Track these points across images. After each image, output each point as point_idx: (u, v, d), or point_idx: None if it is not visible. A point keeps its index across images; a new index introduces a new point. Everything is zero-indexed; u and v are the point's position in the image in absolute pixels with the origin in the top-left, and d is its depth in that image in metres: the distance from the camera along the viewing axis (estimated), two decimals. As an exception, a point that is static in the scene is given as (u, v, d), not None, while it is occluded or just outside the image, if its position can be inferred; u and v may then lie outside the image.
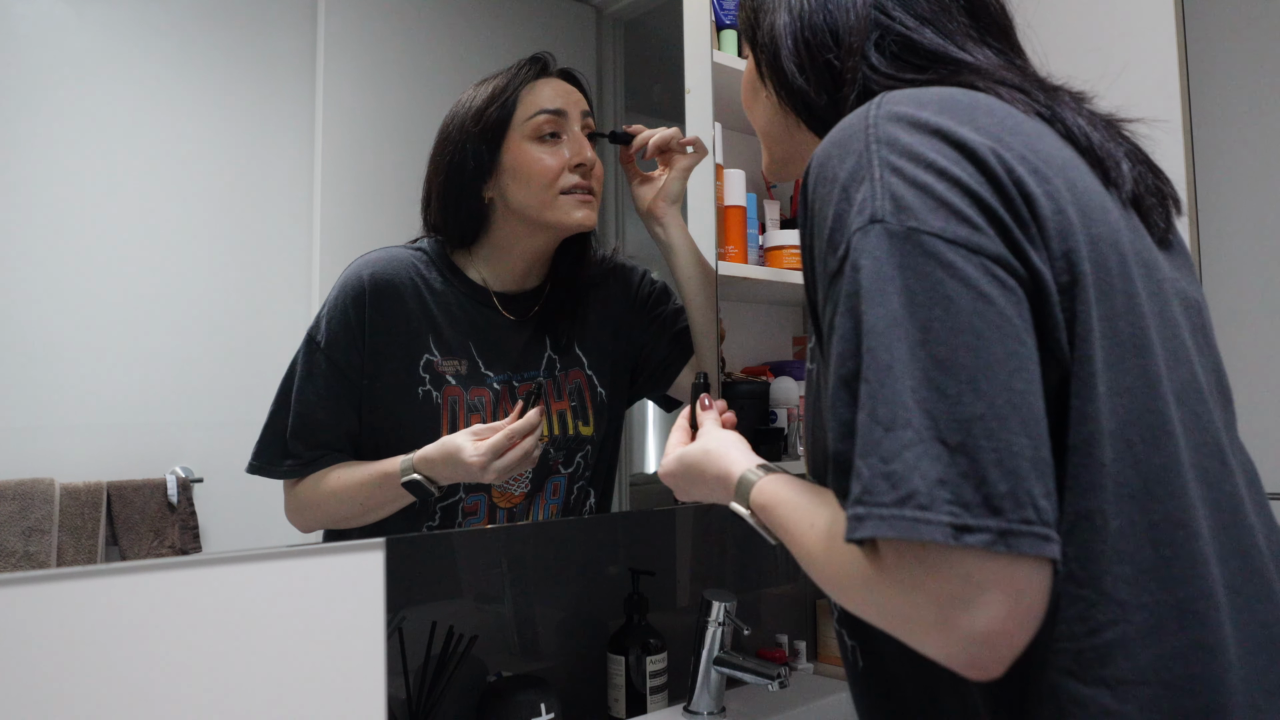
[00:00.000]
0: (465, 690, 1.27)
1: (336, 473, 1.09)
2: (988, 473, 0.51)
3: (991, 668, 0.53)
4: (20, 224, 0.94)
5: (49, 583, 0.88)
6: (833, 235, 0.60)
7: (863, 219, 0.58)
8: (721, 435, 0.89)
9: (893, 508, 0.52)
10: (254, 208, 1.10)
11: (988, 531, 0.50)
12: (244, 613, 0.97)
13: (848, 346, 0.57)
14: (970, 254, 0.56)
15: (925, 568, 0.51)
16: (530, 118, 1.16)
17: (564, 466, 1.25)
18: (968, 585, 0.50)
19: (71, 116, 0.97)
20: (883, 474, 0.52)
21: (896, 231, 0.57)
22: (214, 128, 1.06)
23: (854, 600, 0.59)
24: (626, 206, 1.46)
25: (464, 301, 1.18)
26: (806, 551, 0.65)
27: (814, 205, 0.64)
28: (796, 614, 1.81)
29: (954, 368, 0.53)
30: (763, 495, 0.75)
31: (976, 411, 0.52)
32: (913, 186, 0.58)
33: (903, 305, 0.55)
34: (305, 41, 1.14)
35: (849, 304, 0.57)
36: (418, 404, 1.12)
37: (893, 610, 0.55)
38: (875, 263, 0.57)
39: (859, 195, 0.59)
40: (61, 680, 0.87)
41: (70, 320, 0.96)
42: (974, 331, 0.54)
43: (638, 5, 1.49)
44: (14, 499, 0.91)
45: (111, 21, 1.00)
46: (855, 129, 0.63)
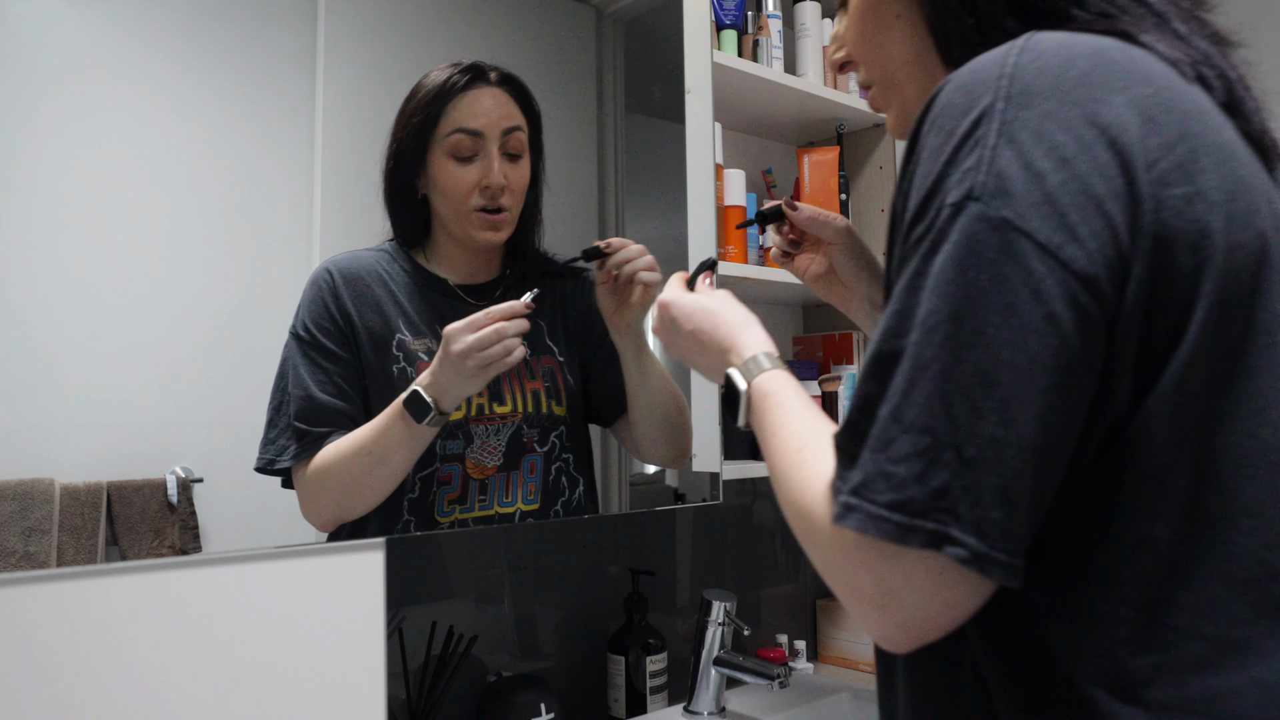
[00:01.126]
0: (465, 690, 1.27)
1: (344, 437, 1.11)
2: (985, 496, 0.50)
3: (901, 649, 0.55)
4: (20, 224, 0.94)
5: (49, 583, 0.88)
6: (929, 197, 0.56)
7: (960, 192, 0.53)
8: (743, 307, 0.83)
9: (883, 509, 0.51)
10: (254, 208, 1.10)
11: (966, 548, 0.50)
12: (244, 613, 0.97)
13: (898, 325, 0.54)
14: (1058, 266, 0.51)
15: (882, 556, 0.52)
16: (448, 135, 1.18)
17: (539, 445, 1.27)
18: (910, 583, 0.52)
19: (71, 116, 0.97)
20: (884, 474, 0.52)
21: (990, 217, 0.52)
22: (214, 127, 1.06)
23: (803, 537, 0.60)
24: (627, 206, 1.46)
25: (427, 290, 1.21)
26: (781, 470, 0.64)
27: (921, 153, 0.58)
28: (796, 614, 1.81)
29: (992, 384, 0.50)
30: (769, 384, 0.72)
31: (997, 435, 0.50)
32: (1025, 170, 0.53)
33: (963, 301, 0.52)
34: (305, 41, 1.14)
35: (915, 282, 0.54)
36: (393, 381, 1.15)
37: (834, 569, 0.57)
38: (953, 248, 0.53)
39: (967, 161, 0.54)
40: (61, 680, 0.87)
41: (70, 320, 0.96)
42: (1027, 352, 0.51)
43: (638, 5, 1.49)
44: (14, 499, 0.91)
45: (112, 21, 1.00)
46: (987, 75, 0.56)
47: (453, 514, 1.20)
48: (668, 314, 0.88)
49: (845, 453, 0.56)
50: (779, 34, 1.68)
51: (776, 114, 1.79)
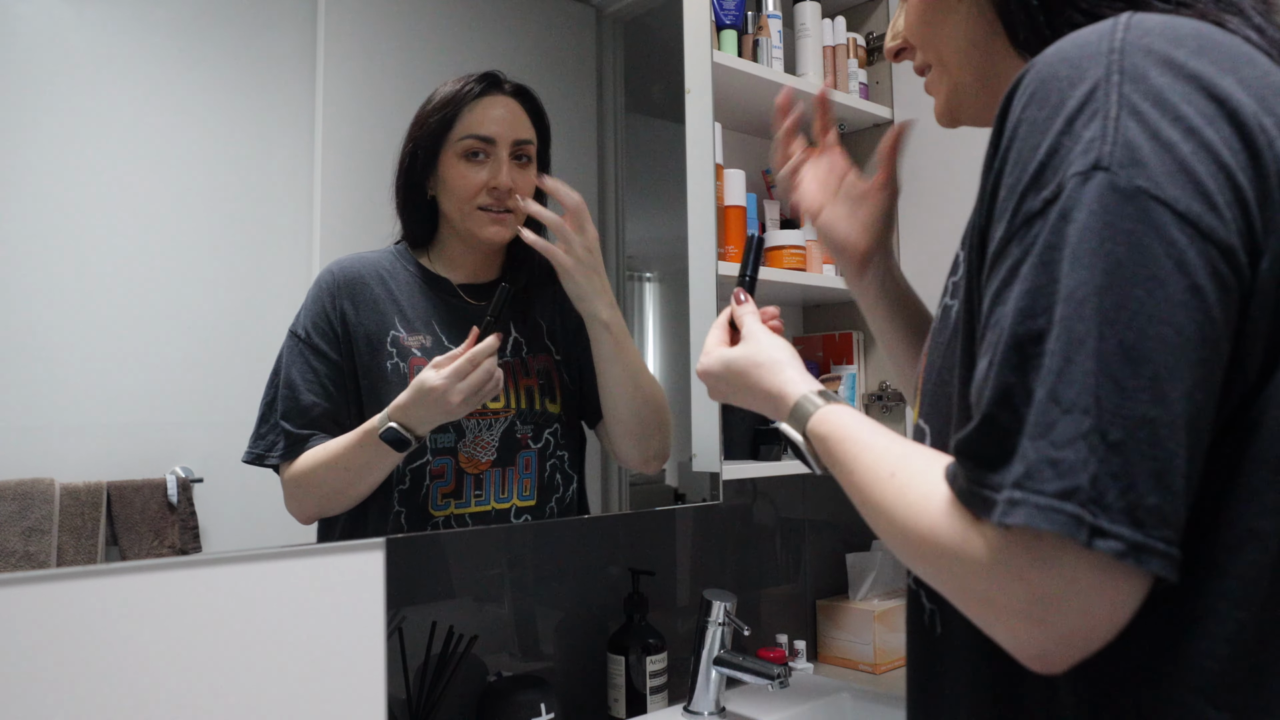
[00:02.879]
0: (465, 690, 1.27)
1: (321, 447, 1.13)
2: (1138, 480, 0.47)
3: (1059, 666, 0.50)
4: (20, 224, 0.94)
5: (49, 583, 0.88)
6: (1042, 170, 0.52)
7: (1086, 161, 0.50)
8: (772, 345, 0.82)
9: (1054, 499, 0.47)
10: (254, 208, 1.10)
11: (1121, 540, 0.46)
12: (244, 613, 0.97)
13: (1034, 304, 0.51)
14: (1198, 236, 0.49)
15: (1034, 560, 0.48)
16: (461, 139, 1.22)
17: (533, 442, 1.28)
18: (1072, 587, 0.48)
19: (71, 116, 0.97)
20: (1050, 460, 0.48)
21: (1122, 187, 0.49)
22: (214, 128, 1.06)
23: (929, 567, 0.55)
24: (627, 206, 1.46)
25: (426, 289, 1.24)
26: (879, 501, 0.60)
27: (1019, 128, 0.55)
28: (796, 614, 1.81)
29: (1140, 359, 0.47)
30: (824, 425, 0.69)
31: (1149, 414, 0.47)
32: (1154, 140, 0.50)
33: (1105, 273, 0.49)
34: (305, 41, 1.14)
35: (1047, 256, 0.51)
36: (387, 376, 1.17)
37: (977, 590, 0.52)
38: (1089, 217, 0.49)
39: (1087, 132, 0.51)
40: (61, 680, 0.87)
41: (70, 320, 0.96)
42: (1174, 325, 0.48)
43: (638, 5, 1.49)
44: (14, 499, 0.91)
45: (111, 21, 1.00)
46: (1095, 49, 0.54)
47: (448, 508, 1.21)
48: (709, 381, 0.88)
49: (980, 456, 0.52)
50: (779, 34, 1.69)
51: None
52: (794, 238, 1.67)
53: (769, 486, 1.78)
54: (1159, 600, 0.51)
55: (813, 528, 1.86)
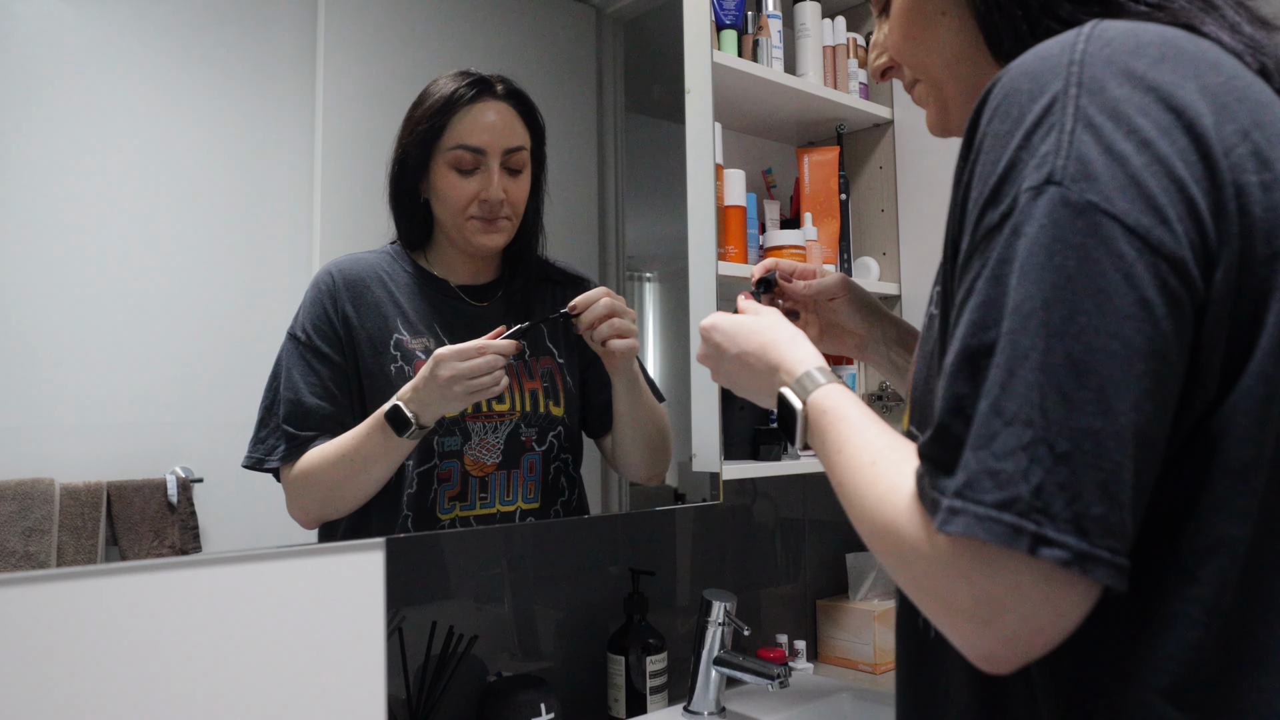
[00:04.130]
0: (465, 690, 1.27)
1: (324, 446, 1.12)
2: (1084, 491, 0.47)
3: (1005, 666, 0.51)
4: (20, 224, 0.94)
5: (49, 583, 0.88)
6: (1000, 185, 0.54)
7: (1039, 176, 0.51)
8: (789, 324, 0.81)
9: (992, 509, 0.48)
10: (254, 208, 1.10)
11: (1065, 549, 0.47)
12: (244, 613, 0.97)
13: (985, 317, 0.52)
14: (1147, 249, 0.49)
15: (980, 564, 0.49)
16: (450, 149, 1.20)
17: (538, 444, 1.28)
18: (1016, 592, 0.49)
19: (71, 116, 0.97)
20: (989, 471, 0.49)
21: (1074, 201, 0.50)
22: (214, 128, 1.06)
23: (889, 559, 0.57)
24: (627, 206, 1.46)
25: (427, 290, 1.23)
26: (854, 486, 0.61)
27: (984, 142, 0.56)
28: (796, 614, 1.81)
29: (1086, 372, 0.48)
30: (828, 400, 0.69)
31: (1095, 426, 0.48)
32: (1106, 153, 0.51)
33: (1053, 286, 0.49)
34: (305, 41, 1.14)
35: (998, 270, 0.52)
36: (390, 379, 1.16)
37: (927, 586, 0.53)
38: (1039, 232, 0.50)
39: (1043, 146, 0.52)
40: (61, 680, 0.87)
41: (70, 320, 0.96)
42: (1121, 338, 0.49)
43: (638, 5, 1.49)
44: (14, 499, 0.91)
45: (111, 21, 1.00)
46: (1055, 62, 0.54)
47: (454, 510, 1.20)
48: (711, 339, 0.85)
49: (935, 460, 0.53)
50: (779, 34, 1.69)
51: (776, 114, 1.79)
52: (794, 238, 1.67)
53: (769, 486, 1.78)
54: (1129, 605, 0.52)
55: (813, 528, 1.86)
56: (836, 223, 1.79)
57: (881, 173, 1.87)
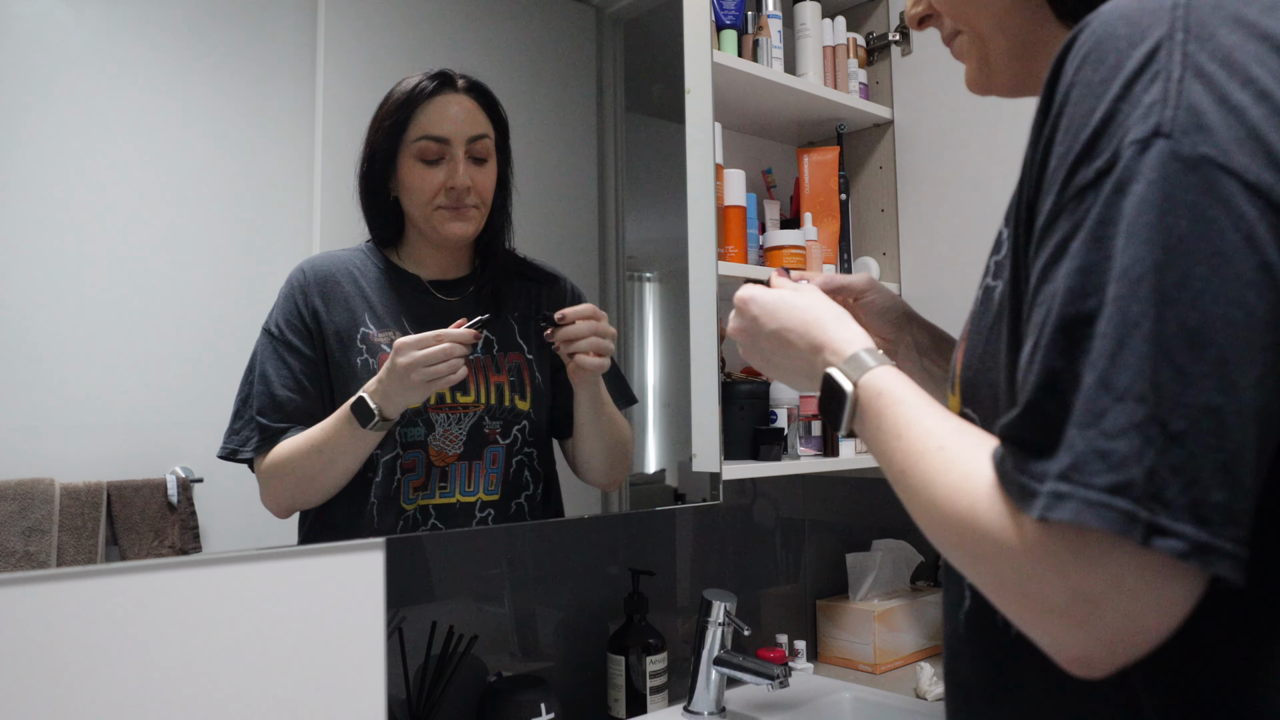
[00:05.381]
0: (465, 690, 1.27)
1: (294, 438, 1.13)
2: (1202, 475, 0.43)
3: (1100, 670, 0.46)
4: (20, 224, 0.94)
5: (49, 583, 0.88)
6: (1096, 137, 0.48)
7: (1145, 128, 0.46)
8: (833, 302, 0.75)
9: (1104, 493, 0.43)
10: (254, 208, 1.10)
11: (1182, 539, 0.43)
12: (244, 613, 0.97)
13: (1084, 283, 0.47)
14: (1270, 209, 0.45)
15: (1079, 557, 0.45)
16: (415, 140, 1.21)
17: (501, 437, 1.29)
18: (1118, 587, 0.44)
19: (71, 116, 0.97)
20: (1100, 452, 0.44)
21: (1185, 155, 0.45)
22: (214, 128, 1.06)
23: (962, 552, 0.52)
24: (627, 206, 1.46)
25: (397, 285, 1.24)
26: (921, 474, 0.55)
27: (1071, 92, 0.51)
28: (796, 614, 1.81)
29: (1203, 343, 0.43)
30: (882, 381, 0.63)
31: (1214, 402, 0.43)
32: (1221, 104, 0.46)
33: (1165, 249, 0.45)
34: (305, 41, 1.14)
35: (1100, 231, 0.47)
36: (357, 373, 1.17)
37: (1013, 582, 0.48)
38: (1147, 189, 0.45)
39: (1147, 96, 0.47)
40: (61, 680, 0.86)
41: (70, 320, 0.96)
42: (1243, 307, 0.44)
43: (638, 5, 1.49)
44: (14, 499, 0.91)
45: (111, 21, 1.00)
46: (1158, 4, 0.49)
47: (416, 500, 1.21)
48: (748, 311, 0.78)
49: (1024, 442, 0.48)
50: (779, 34, 1.69)
51: (776, 114, 1.79)
52: (794, 238, 1.67)
53: (769, 486, 1.78)
54: (1248, 599, 0.47)
55: (813, 528, 1.86)
56: (836, 223, 1.79)
57: (881, 173, 1.87)
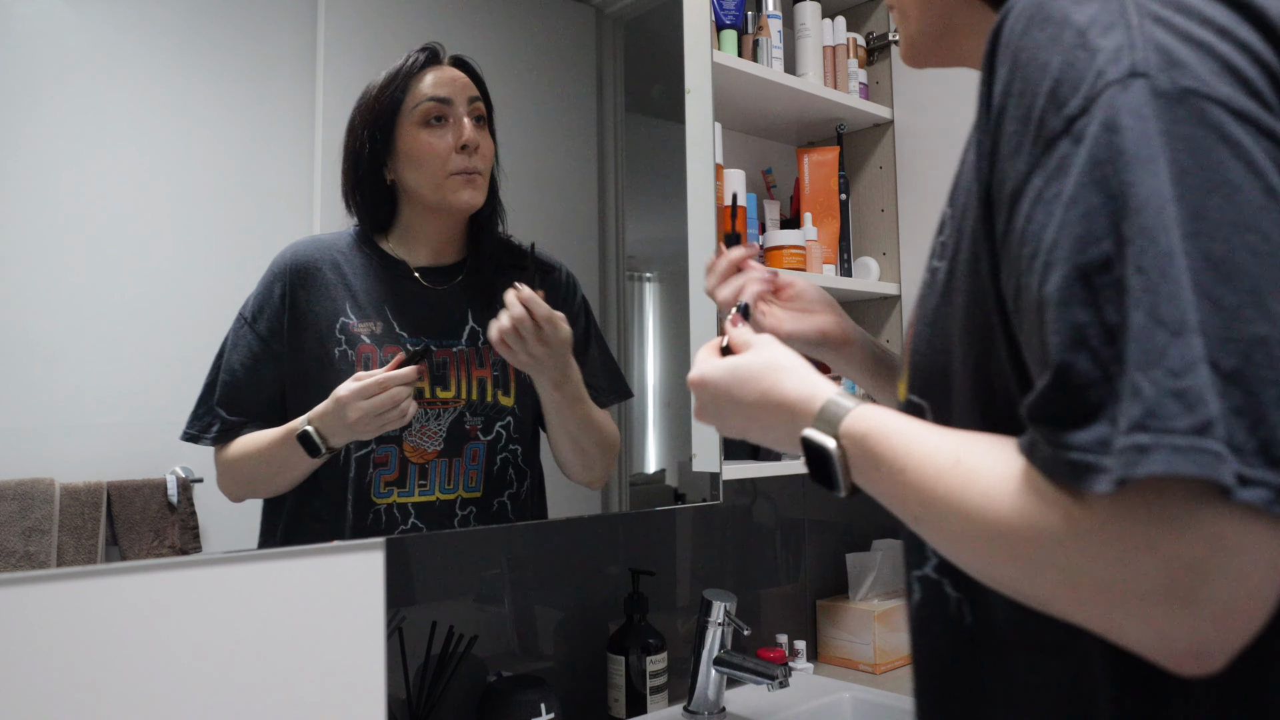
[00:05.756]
0: (465, 690, 1.27)
1: (252, 436, 1.11)
2: (1268, 412, 0.39)
3: (1216, 657, 0.41)
4: (20, 224, 0.94)
5: (49, 583, 0.88)
6: (1058, 87, 0.47)
7: (1120, 69, 0.45)
8: (789, 351, 0.69)
9: (1190, 436, 0.39)
10: (254, 208, 1.10)
11: (1266, 487, 0.39)
12: (244, 613, 0.97)
13: (1094, 227, 0.44)
14: (1260, 135, 0.44)
15: (1166, 523, 0.40)
16: (418, 104, 1.20)
17: (483, 434, 1.27)
18: (1217, 550, 0.39)
19: (71, 116, 0.97)
20: (1173, 392, 0.40)
21: (1167, 90, 0.44)
22: (214, 128, 1.06)
23: (1021, 566, 0.46)
24: (627, 206, 1.46)
25: (383, 274, 1.22)
26: (945, 495, 0.50)
27: (1020, 55, 0.50)
28: (796, 614, 1.81)
29: (1233, 272, 0.41)
30: (863, 422, 0.57)
31: (1259, 333, 0.40)
32: (1187, 41, 0.45)
33: (1173, 182, 0.42)
34: (305, 41, 1.14)
35: (1096, 174, 0.44)
36: (333, 363, 1.15)
37: (1095, 576, 0.42)
38: (1142, 123, 0.43)
39: (1107, 42, 0.46)
40: (61, 680, 0.87)
41: (70, 320, 0.96)
42: (1260, 232, 0.42)
43: (638, 5, 1.49)
44: (14, 499, 0.91)
45: (111, 21, 1.00)
46: None
47: (390, 496, 1.18)
48: (703, 396, 0.72)
49: (1060, 416, 0.43)
50: (779, 34, 1.69)
51: (776, 114, 1.79)
52: (794, 238, 1.67)
53: (769, 486, 1.78)
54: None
55: (813, 528, 1.86)
56: (836, 223, 1.79)
57: (881, 173, 1.87)
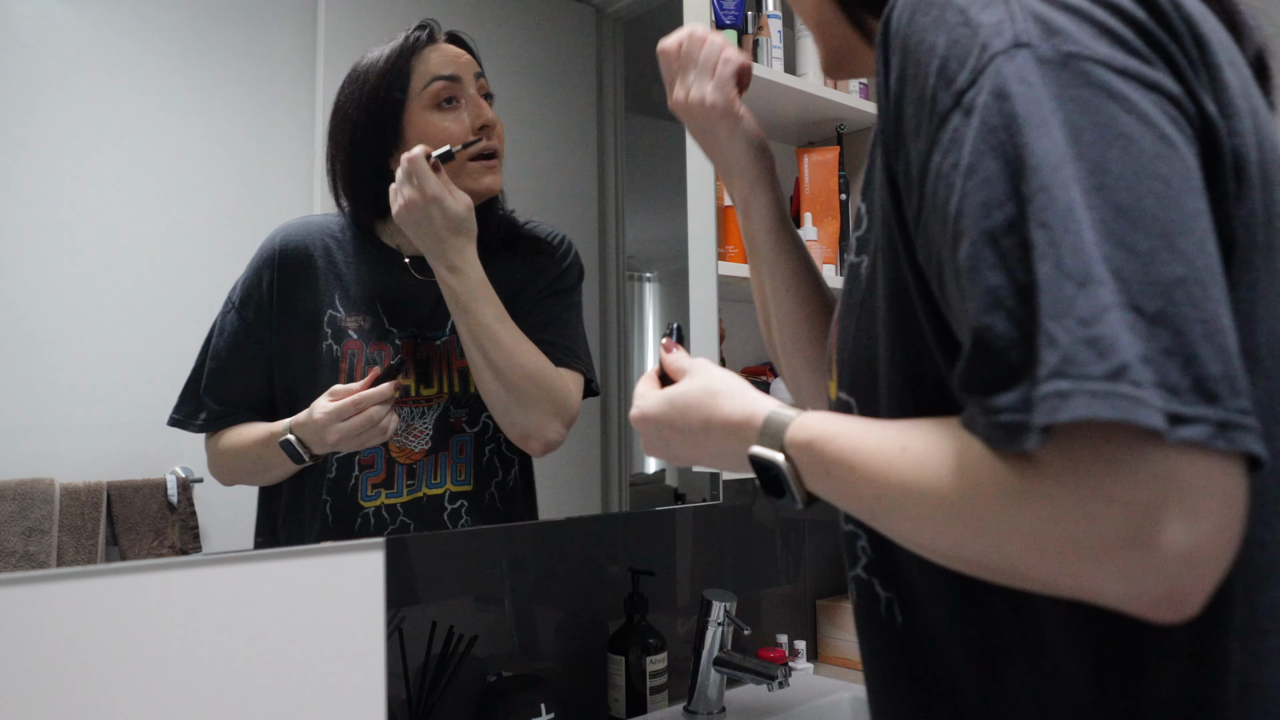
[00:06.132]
0: (465, 690, 1.27)
1: (240, 430, 1.10)
2: (1197, 349, 0.40)
3: (1192, 599, 0.41)
4: (20, 224, 0.94)
5: (49, 583, 0.88)
6: (945, 65, 0.48)
7: (1004, 41, 0.46)
8: (726, 373, 0.68)
9: (1105, 381, 0.39)
10: (254, 208, 1.10)
11: (1204, 423, 0.39)
12: (244, 613, 0.97)
13: (993, 192, 0.44)
14: (1145, 89, 0.45)
15: (1115, 470, 0.40)
16: (426, 86, 1.16)
17: (469, 426, 1.24)
18: (1171, 490, 0.39)
19: (71, 116, 0.97)
20: (1085, 339, 0.40)
21: (1050, 57, 0.45)
22: (214, 127, 1.06)
23: (986, 539, 0.45)
24: (627, 206, 1.46)
25: (374, 262, 1.19)
26: (898, 484, 0.50)
27: (908, 40, 0.51)
28: (796, 614, 1.81)
29: (1141, 218, 0.42)
30: (805, 430, 0.57)
31: (1176, 273, 0.41)
32: (1062, 10, 0.47)
33: (1070, 141, 0.44)
34: (305, 41, 1.14)
35: (991, 140, 0.45)
36: (320, 358, 1.13)
37: (1056, 534, 0.42)
38: (1030, 89, 0.45)
39: (988, 16, 0.47)
40: (61, 680, 0.87)
41: (70, 320, 0.96)
42: (1161, 178, 0.43)
43: (638, 5, 1.49)
44: (14, 499, 0.91)
45: (111, 21, 1.00)
46: None
47: (378, 498, 1.17)
48: (646, 431, 0.71)
49: (989, 382, 0.44)
50: (779, 34, 1.69)
51: (776, 114, 1.79)
52: (794, 238, 1.67)
53: (769, 486, 1.78)
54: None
55: (813, 528, 1.86)
56: (836, 222, 1.79)
57: (881, 173, 1.87)
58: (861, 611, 0.64)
